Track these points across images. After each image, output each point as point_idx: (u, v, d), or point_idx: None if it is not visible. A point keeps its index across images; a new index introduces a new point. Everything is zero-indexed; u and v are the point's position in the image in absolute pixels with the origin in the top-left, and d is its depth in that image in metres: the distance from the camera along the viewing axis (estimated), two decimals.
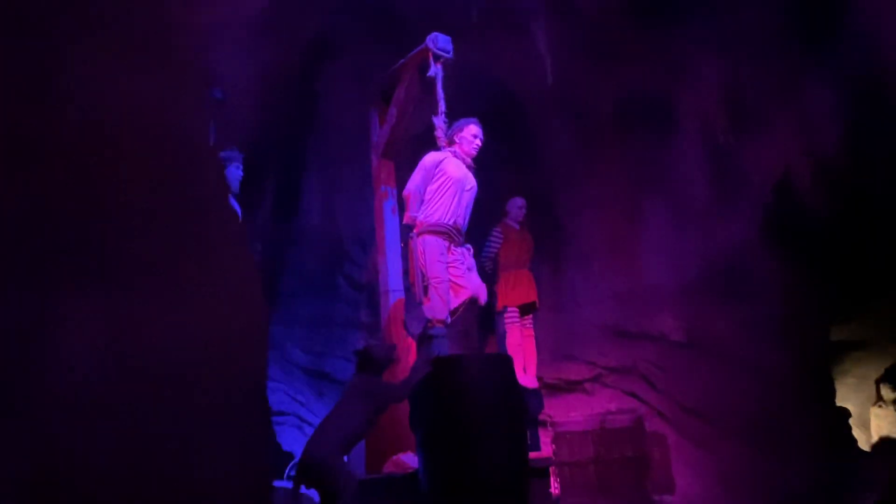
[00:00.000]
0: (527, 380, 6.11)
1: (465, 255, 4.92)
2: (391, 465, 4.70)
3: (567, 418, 6.58)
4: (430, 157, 4.88)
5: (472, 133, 4.94)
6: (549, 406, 6.92)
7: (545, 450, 6.08)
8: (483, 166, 5.16)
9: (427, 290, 4.68)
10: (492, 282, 6.34)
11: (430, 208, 4.77)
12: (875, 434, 8.54)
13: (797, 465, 6.22)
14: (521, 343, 6.37)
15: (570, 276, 7.74)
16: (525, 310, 6.49)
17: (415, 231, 4.81)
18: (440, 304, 4.67)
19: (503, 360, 4.40)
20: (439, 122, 4.91)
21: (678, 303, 7.10)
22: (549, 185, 7.74)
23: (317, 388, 7.98)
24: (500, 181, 7.00)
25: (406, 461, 4.61)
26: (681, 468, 6.66)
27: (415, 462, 4.26)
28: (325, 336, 8.00)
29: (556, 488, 6.01)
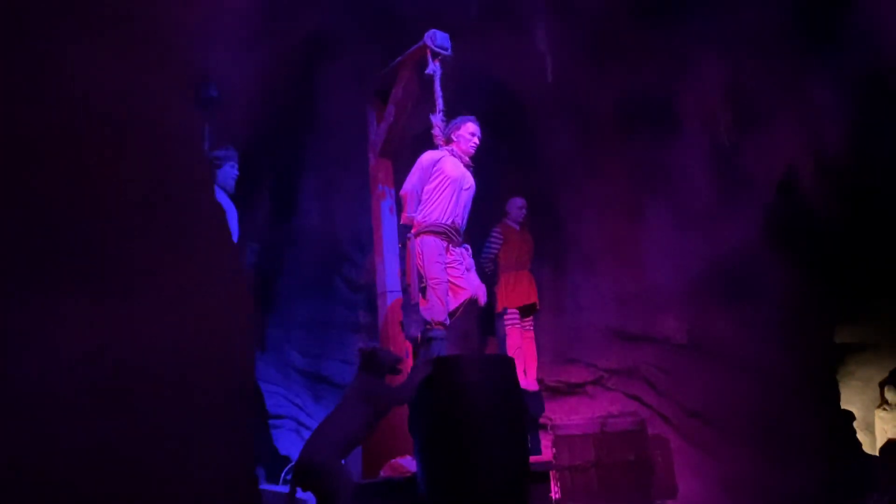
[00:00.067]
0: (527, 382, 6.06)
1: (464, 255, 4.86)
2: (388, 468, 4.64)
3: (568, 421, 6.51)
4: (427, 156, 4.82)
5: (469, 131, 4.88)
6: (550, 409, 6.87)
7: (545, 453, 6.02)
8: (483, 166, 5.11)
9: (425, 292, 4.63)
10: (492, 283, 6.31)
11: (427, 208, 4.71)
12: (880, 437, 8.46)
13: (801, 468, 6.16)
14: (521, 345, 6.33)
15: (571, 278, 7.69)
16: (525, 311, 6.46)
17: (412, 231, 4.76)
18: (439, 306, 4.61)
19: (504, 362, 4.33)
20: (437, 120, 4.85)
21: (680, 304, 7.04)
22: (549, 186, 7.69)
23: (314, 390, 7.93)
24: (500, 181, 6.97)
25: (404, 465, 4.55)
26: (683, 472, 6.60)
27: (413, 466, 4.19)
28: (322, 338, 7.96)
29: (556, 493, 5.95)
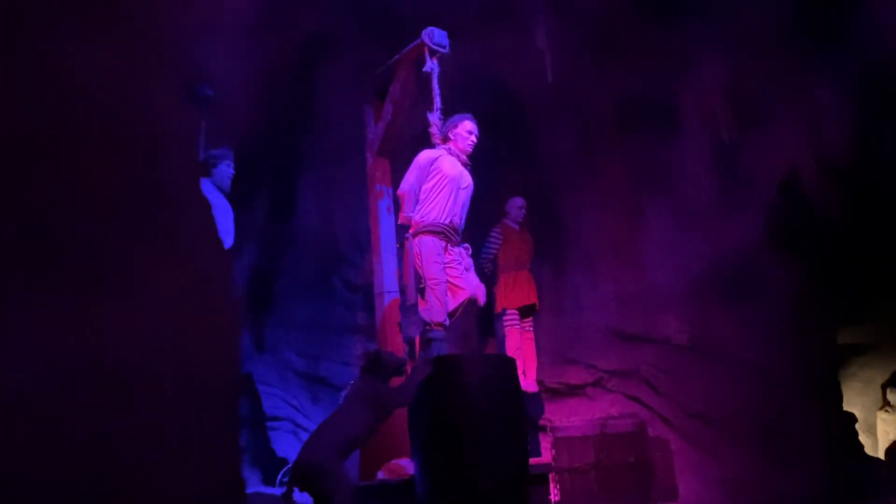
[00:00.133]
0: (527, 383, 6.02)
1: (463, 254, 4.83)
2: (386, 471, 4.60)
3: (567, 423, 6.46)
4: (425, 155, 4.78)
5: (466, 129, 4.83)
6: (550, 410, 6.83)
7: (545, 455, 5.97)
8: (482, 166, 5.07)
9: (424, 292, 4.59)
10: (491, 283, 6.27)
11: (425, 208, 4.67)
12: (882, 439, 8.41)
13: (802, 470, 6.10)
14: (520, 346, 6.29)
15: (571, 278, 7.64)
16: (525, 312, 6.43)
17: (410, 231, 4.71)
18: (438, 306, 4.57)
19: (505, 362, 4.29)
20: (434, 118, 4.81)
21: (681, 305, 6.99)
22: (549, 185, 7.65)
23: (312, 392, 7.89)
24: (500, 181, 6.93)
25: (401, 467, 4.51)
26: (684, 474, 6.55)
27: (411, 468, 4.15)
28: (321, 339, 7.92)
29: (555, 495, 5.90)
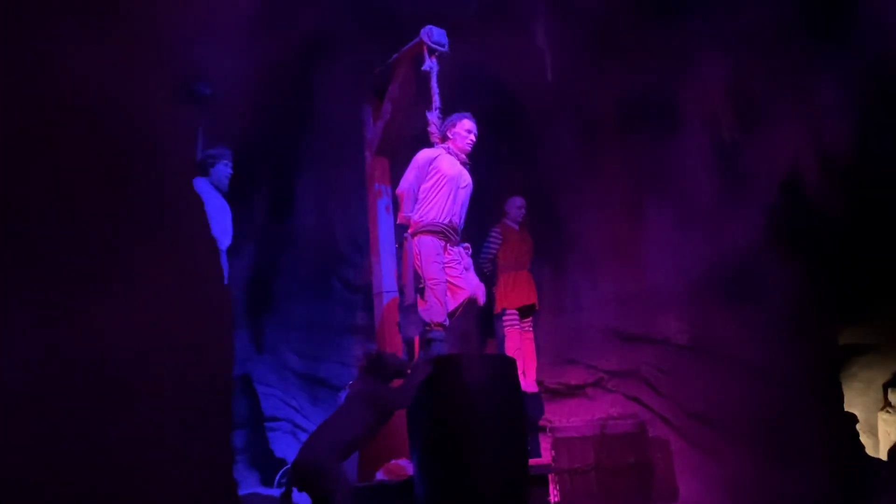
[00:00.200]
0: (526, 384, 5.99)
1: (462, 254, 4.81)
2: (385, 471, 4.58)
3: (567, 423, 6.44)
4: (423, 155, 4.76)
5: (465, 128, 4.81)
6: (550, 411, 6.80)
7: (544, 456, 5.94)
8: (482, 165, 5.05)
9: (423, 292, 4.57)
10: (491, 283, 6.25)
11: (424, 207, 4.65)
12: (883, 440, 8.38)
13: (803, 471, 6.08)
14: (520, 346, 6.27)
15: (571, 278, 7.62)
16: (525, 312, 6.41)
17: (409, 231, 4.69)
18: (437, 306, 4.55)
19: (505, 362, 4.26)
20: (433, 117, 4.79)
21: (682, 305, 6.96)
22: (549, 185, 7.62)
23: (311, 393, 7.87)
24: (500, 181, 6.90)
25: (401, 468, 4.49)
26: (684, 475, 6.53)
27: (410, 468, 4.13)
28: (320, 340, 7.90)
29: (555, 496, 5.88)
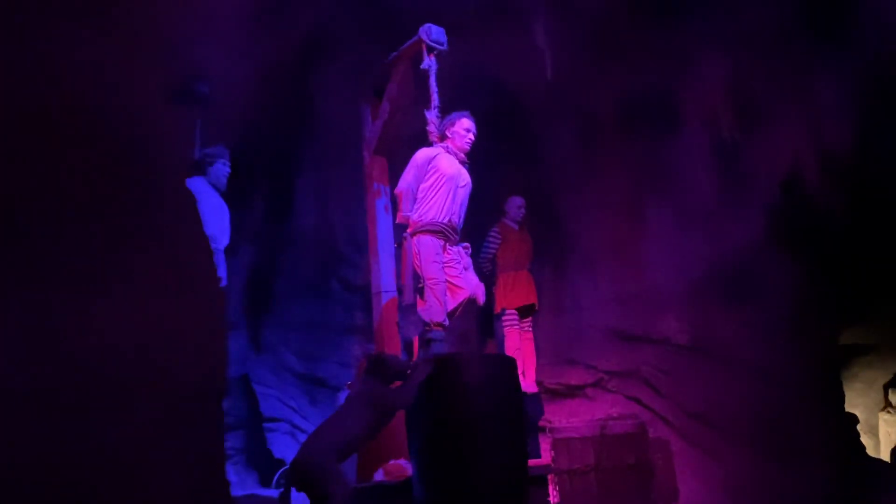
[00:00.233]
0: (526, 384, 5.97)
1: (462, 254, 4.78)
2: (384, 471, 4.55)
3: (567, 424, 6.42)
4: (422, 154, 4.74)
5: (464, 127, 4.78)
6: (550, 411, 6.77)
7: (544, 457, 5.92)
8: (482, 165, 5.02)
9: (423, 292, 4.54)
10: (490, 283, 6.23)
11: (423, 207, 4.62)
12: (884, 440, 8.37)
13: (804, 471, 6.07)
14: (520, 346, 6.25)
15: (571, 278, 7.60)
16: (524, 312, 6.39)
17: (408, 231, 4.67)
18: (437, 306, 4.53)
19: (505, 362, 4.24)
20: (432, 116, 4.75)
21: (682, 305, 6.94)
22: (549, 185, 7.61)
23: (310, 393, 7.86)
24: (500, 180, 6.88)
25: (400, 468, 4.46)
26: (685, 475, 6.51)
27: (409, 469, 4.10)
28: (319, 340, 7.88)
29: (554, 497, 5.85)
